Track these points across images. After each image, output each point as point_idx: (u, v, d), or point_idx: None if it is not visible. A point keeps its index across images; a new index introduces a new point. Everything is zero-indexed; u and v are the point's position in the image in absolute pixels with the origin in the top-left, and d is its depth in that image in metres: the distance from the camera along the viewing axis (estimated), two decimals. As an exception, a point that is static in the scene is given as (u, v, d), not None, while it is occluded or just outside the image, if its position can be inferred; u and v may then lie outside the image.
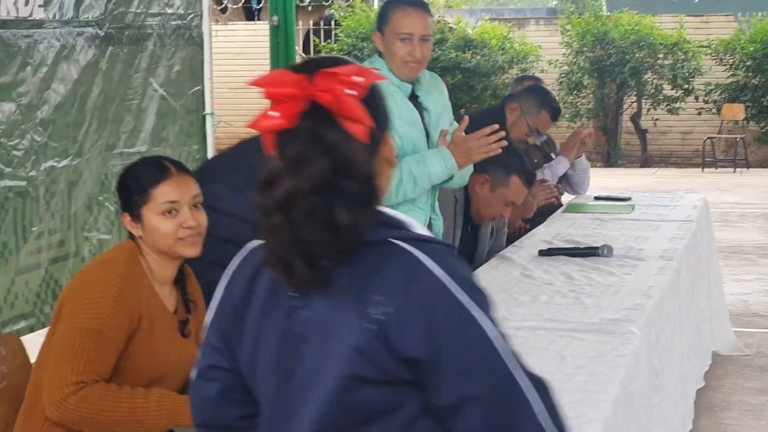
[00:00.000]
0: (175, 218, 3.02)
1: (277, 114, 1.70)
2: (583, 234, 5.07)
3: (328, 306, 1.72)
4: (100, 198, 5.28)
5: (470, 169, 4.24)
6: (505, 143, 4.08)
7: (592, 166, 6.84)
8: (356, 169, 1.71)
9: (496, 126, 4.09)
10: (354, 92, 1.72)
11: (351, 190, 1.70)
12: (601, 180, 12.48)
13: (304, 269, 1.70)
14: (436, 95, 4.26)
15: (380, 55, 4.10)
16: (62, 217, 4.97)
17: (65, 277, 4.97)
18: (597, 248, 4.55)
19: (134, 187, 3.05)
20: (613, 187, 9.36)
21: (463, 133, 4.06)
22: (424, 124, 4.13)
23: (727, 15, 19.79)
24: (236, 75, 13.56)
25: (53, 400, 2.86)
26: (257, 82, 1.73)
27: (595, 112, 18.14)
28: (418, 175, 3.92)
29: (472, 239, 4.84)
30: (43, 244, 4.84)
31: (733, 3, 22.87)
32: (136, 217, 3.04)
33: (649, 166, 18.21)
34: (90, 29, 5.13)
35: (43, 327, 4.97)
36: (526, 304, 3.74)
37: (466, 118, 4.15)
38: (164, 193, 3.02)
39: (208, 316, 1.90)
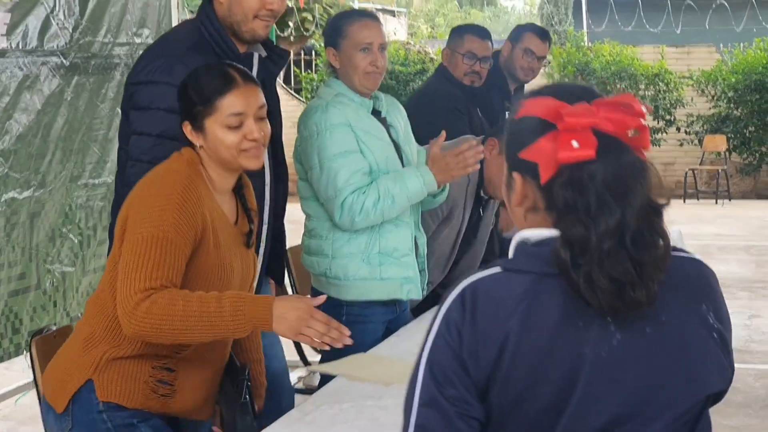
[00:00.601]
0: (239, 130, 2.93)
1: (577, 144, 1.73)
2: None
3: (663, 323, 1.79)
4: (64, 230, 5.20)
5: (447, 188, 4.19)
6: (482, 156, 4.04)
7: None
8: (657, 189, 1.78)
9: (474, 141, 4.06)
10: (642, 120, 1.79)
11: (661, 209, 1.78)
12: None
13: (640, 291, 1.73)
14: (397, 114, 4.23)
15: (335, 73, 4.07)
16: (23, 249, 4.89)
17: (25, 309, 4.89)
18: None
19: (197, 96, 2.93)
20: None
21: (439, 150, 4.00)
22: (392, 139, 4.09)
23: (709, 46, 19.80)
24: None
25: (125, 311, 2.73)
26: (545, 112, 1.78)
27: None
28: (397, 194, 3.86)
29: (476, 220, 4.77)
30: (2, 277, 4.76)
31: (715, 34, 22.91)
32: (198, 128, 2.93)
33: (631, 197, 18.12)
34: (54, 59, 5.07)
35: (0, 361, 4.87)
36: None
37: (443, 133, 4.09)
38: (230, 104, 2.92)
39: (441, 354, 1.78)
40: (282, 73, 21.72)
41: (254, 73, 3.55)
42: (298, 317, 2.79)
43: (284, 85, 20.26)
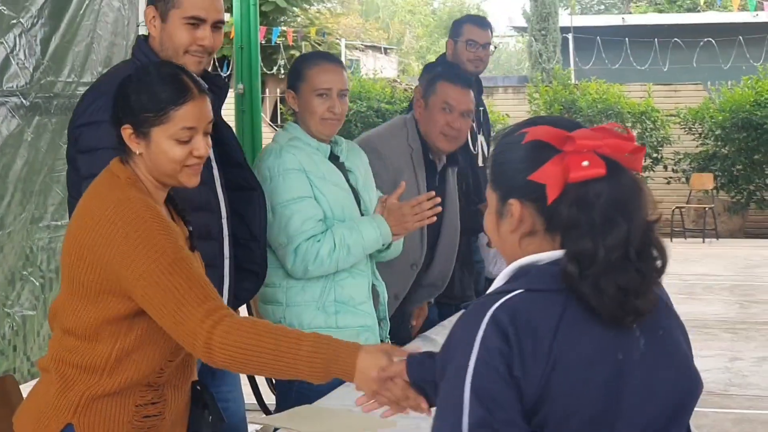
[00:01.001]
0: (187, 144, 2.72)
1: (587, 163, 1.87)
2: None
3: (663, 328, 1.96)
4: (24, 272, 5.09)
5: (400, 244, 4.09)
6: (439, 209, 3.95)
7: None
8: (651, 206, 1.94)
9: (432, 193, 3.97)
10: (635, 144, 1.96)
11: (654, 224, 1.94)
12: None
13: (644, 298, 1.86)
14: (357, 159, 4.12)
15: (294, 117, 3.99)
16: (-20, 292, 4.78)
17: (-18, 355, 4.78)
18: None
19: (149, 101, 2.69)
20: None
21: (397, 200, 3.92)
22: (350, 185, 3.99)
23: (696, 84, 19.82)
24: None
25: (200, 348, 2.57)
26: (553, 137, 1.92)
27: (563, 181, 18.05)
28: (352, 244, 3.76)
29: (440, 186, 4.66)
30: (-42, 321, 4.65)
31: (703, 72, 22.95)
32: (143, 135, 2.70)
33: (619, 235, 18.06)
34: (14, 99, 4.96)
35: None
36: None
37: (402, 183, 4.02)
38: (184, 117, 2.71)
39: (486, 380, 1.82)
40: (269, 111, 21.70)
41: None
42: (379, 378, 2.56)
43: (270, 123, 20.22)
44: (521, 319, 1.83)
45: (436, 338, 4.38)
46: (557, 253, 1.90)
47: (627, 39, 23.95)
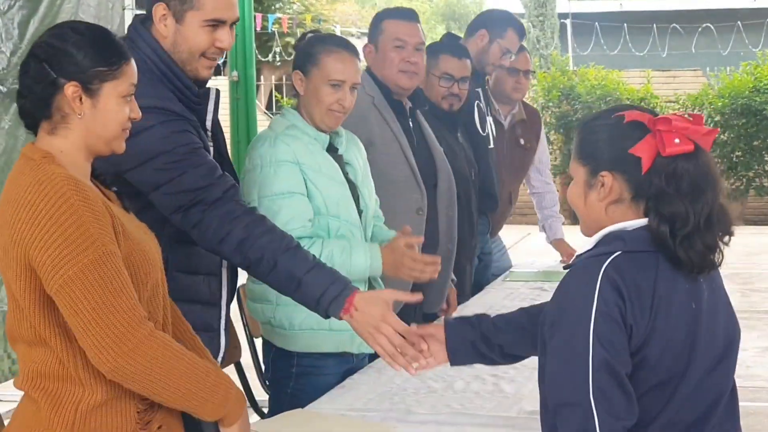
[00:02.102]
0: (126, 106, 2.55)
1: (679, 141, 2.29)
2: (520, 306, 4.67)
3: (716, 282, 2.44)
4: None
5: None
6: (435, 276, 3.72)
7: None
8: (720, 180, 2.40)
9: (438, 259, 3.74)
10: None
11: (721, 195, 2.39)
12: (567, 238, 12.11)
13: (719, 255, 2.36)
14: (356, 152, 3.92)
15: (296, 102, 3.79)
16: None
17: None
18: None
19: (99, 57, 2.49)
20: (579, 245, 9.04)
21: (404, 245, 3.69)
22: (348, 179, 3.78)
23: (695, 70, 19.64)
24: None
25: (108, 355, 2.36)
26: (649, 119, 2.36)
27: (561, 169, 17.85)
28: (339, 265, 3.43)
29: (416, 127, 4.61)
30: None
31: (701, 58, 22.76)
32: (90, 92, 2.48)
33: (617, 223, 17.90)
34: (-9, 85, 4.80)
35: None
36: (439, 392, 3.38)
37: (407, 228, 3.80)
38: (132, 73, 2.54)
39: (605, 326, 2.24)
40: (263, 99, 21.53)
41: (210, 107, 3.27)
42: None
43: (266, 111, 20.03)
44: (628, 276, 2.26)
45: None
46: (642, 221, 2.34)
47: (625, 25, 23.75)
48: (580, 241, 2.56)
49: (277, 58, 21.22)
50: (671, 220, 2.28)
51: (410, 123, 4.48)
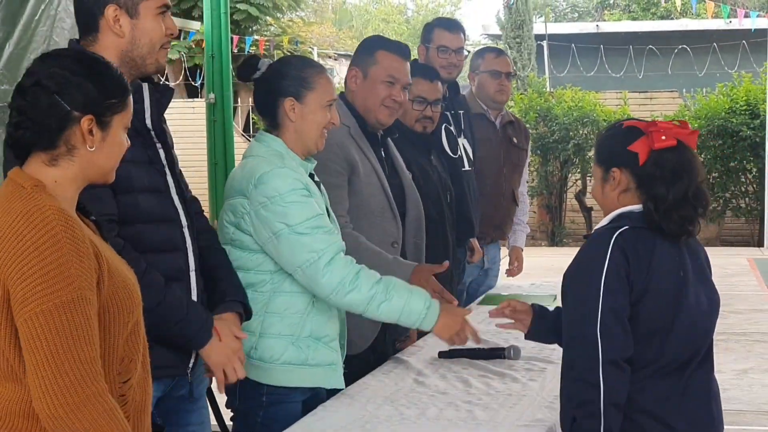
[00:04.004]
0: (125, 136, 2.54)
1: (665, 138, 2.96)
2: (495, 330, 4.58)
3: (699, 255, 3.11)
4: None
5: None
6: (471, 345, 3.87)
7: (536, 246, 6.85)
8: (701, 170, 3.08)
9: (480, 342, 3.89)
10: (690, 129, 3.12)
11: (704, 180, 3.11)
12: (545, 260, 12.09)
13: (695, 225, 3.02)
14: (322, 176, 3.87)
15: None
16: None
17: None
18: (503, 349, 4.13)
19: (112, 88, 2.47)
20: (558, 267, 9.00)
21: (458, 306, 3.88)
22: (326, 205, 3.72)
23: (672, 91, 19.71)
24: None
25: (48, 406, 2.28)
26: (644, 124, 3.06)
27: (538, 190, 17.88)
28: (395, 298, 3.54)
29: (388, 157, 4.52)
30: None
31: (678, 79, 22.85)
32: (103, 125, 2.45)
33: (595, 244, 17.89)
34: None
35: None
36: (411, 420, 3.32)
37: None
38: (130, 105, 2.53)
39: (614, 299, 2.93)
40: (241, 121, 21.46)
41: (147, 104, 3.21)
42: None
43: (243, 133, 19.99)
44: (632, 245, 2.93)
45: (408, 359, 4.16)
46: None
47: (602, 46, 23.82)
48: (551, 261, 2.65)
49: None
50: (654, 198, 2.96)
51: (383, 153, 4.45)
